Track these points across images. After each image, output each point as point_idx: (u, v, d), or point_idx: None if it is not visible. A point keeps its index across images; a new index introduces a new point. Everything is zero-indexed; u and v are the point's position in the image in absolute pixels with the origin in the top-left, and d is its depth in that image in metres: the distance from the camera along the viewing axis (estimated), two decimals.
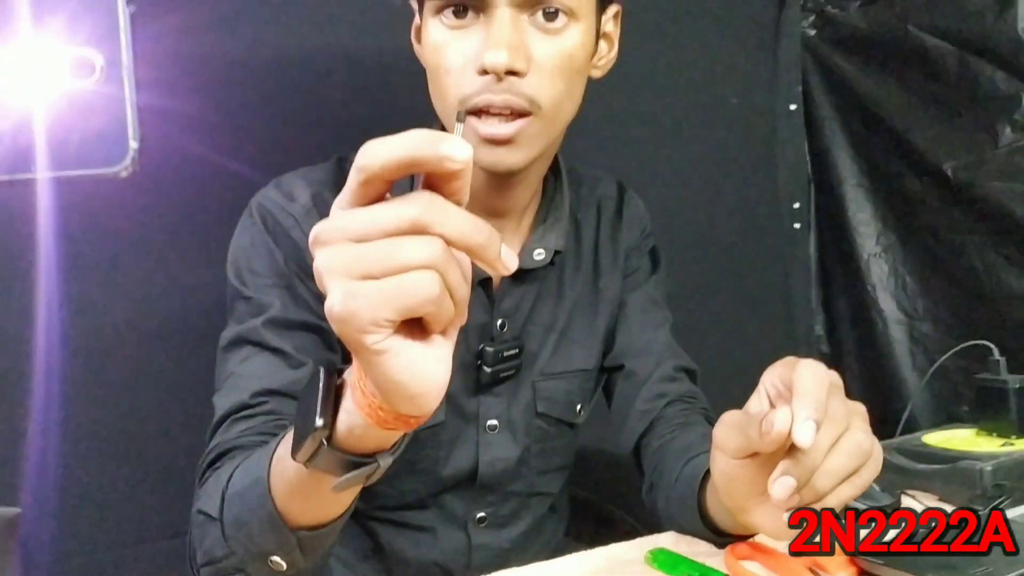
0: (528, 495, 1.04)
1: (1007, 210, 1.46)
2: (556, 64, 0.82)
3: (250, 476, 0.70)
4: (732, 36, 1.78)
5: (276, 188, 0.91)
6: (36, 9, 0.39)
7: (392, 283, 0.46)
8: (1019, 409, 1.04)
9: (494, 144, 0.82)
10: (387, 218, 0.46)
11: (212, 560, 0.72)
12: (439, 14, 0.82)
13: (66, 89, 0.39)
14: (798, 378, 0.63)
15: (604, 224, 1.06)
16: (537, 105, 0.81)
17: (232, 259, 0.91)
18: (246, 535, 0.69)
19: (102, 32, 0.40)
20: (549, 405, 1.01)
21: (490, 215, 0.93)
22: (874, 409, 1.89)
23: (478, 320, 0.95)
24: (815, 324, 1.88)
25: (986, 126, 1.50)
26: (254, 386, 0.83)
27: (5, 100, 0.39)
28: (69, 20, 0.39)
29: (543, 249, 0.96)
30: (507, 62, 0.78)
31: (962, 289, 1.56)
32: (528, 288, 0.98)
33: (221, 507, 0.71)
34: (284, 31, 1.10)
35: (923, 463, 1.01)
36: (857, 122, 1.75)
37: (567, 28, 0.82)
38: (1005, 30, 1.44)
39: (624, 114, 1.64)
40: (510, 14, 0.79)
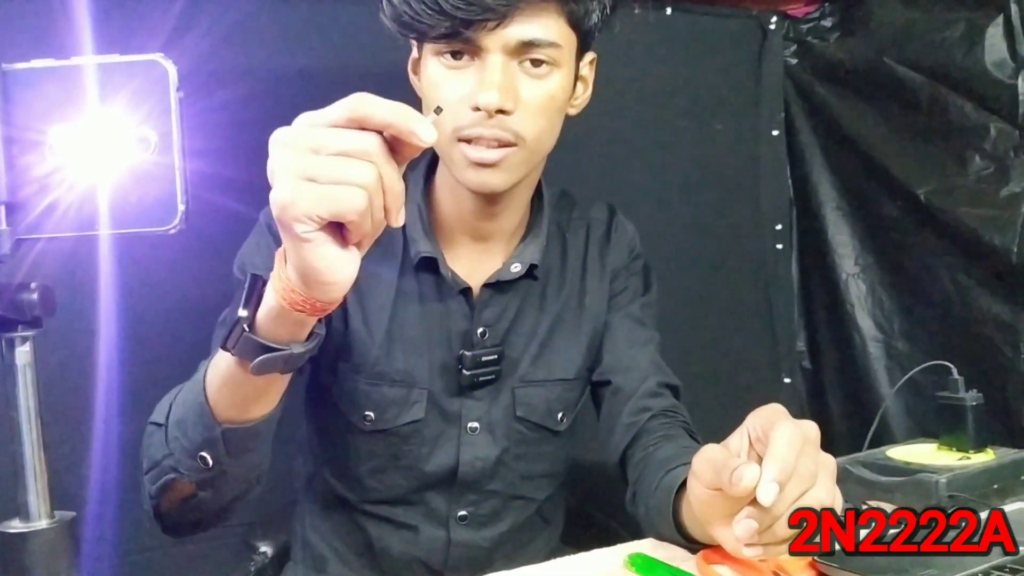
0: (509, 496, 1.10)
1: (976, 234, 1.52)
2: (540, 104, 0.93)
3: (191, 382, 0.82)
4: (717, 64, 1.85)
5: None
6: (105, 96, 0.47)
7: (331, 190, 0.58)
8: (975, 425, 1.11)
9: (481, 167, 0.92)
10: (346, 142, 0.58)
11: (154, 463, 0.83)
12: (439, 55, 0.93)
13: (127, 161, 0.47)
14: (774, 438, 0.70)
15: (592, 245, 1.14)
16: (522, 138, 0.92)
17: (239, 256, 1.02)
18: (182, 432, 0.80)
19: (157, 113, 0.47)
20: (528, 410, 1.08)
21: (479, 239, 1.04)
22: (852, 422, 1.96)
23: (459, 327, 1.04)
24: (797, 340, 1.95)
25: (957, 154, 1.57)
26: None
27: (77, 170, 0.47)
28: (131, 105, 0.47)
29: (519, 263, 1.05)
30: (498, 103, 0.89)
31: (935, 308, 1.63)
32: (510, 299, 1.06)
33: (168, 414, 0.83)
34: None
35: (885, 475, 1.08)
36: (836, 148, 1.83)
37: (550, 74, 0.93)
38: (974, 64, 1.52)
39: (614, 139, 1.72)
40: (502, 60, 0.90)
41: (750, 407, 2.06)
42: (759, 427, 0.74)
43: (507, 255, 1.06)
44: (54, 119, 0.47)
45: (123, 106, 0.47)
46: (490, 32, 0.88)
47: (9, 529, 0.50)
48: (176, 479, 0.81)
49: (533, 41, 0.90)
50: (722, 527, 0.75)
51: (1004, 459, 1.09)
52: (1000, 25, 1.48)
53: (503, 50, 0.89)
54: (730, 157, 1.88)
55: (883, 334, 1.75)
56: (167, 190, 0.47)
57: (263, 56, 1.33)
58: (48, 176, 0.47)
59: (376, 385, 1.02)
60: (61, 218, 0.46)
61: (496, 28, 0.88)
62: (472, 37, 0.88)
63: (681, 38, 1.79)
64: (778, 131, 1.90)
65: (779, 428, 0.70)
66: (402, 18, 0.90)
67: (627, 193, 1.70)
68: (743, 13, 1.85)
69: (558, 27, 0.91)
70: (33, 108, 0.47)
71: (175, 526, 0.88)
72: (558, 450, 1.14)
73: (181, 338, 0.96)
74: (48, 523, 0.50)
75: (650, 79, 1.76)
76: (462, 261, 1.05)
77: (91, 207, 0.47)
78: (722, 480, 0.70)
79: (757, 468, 0.68)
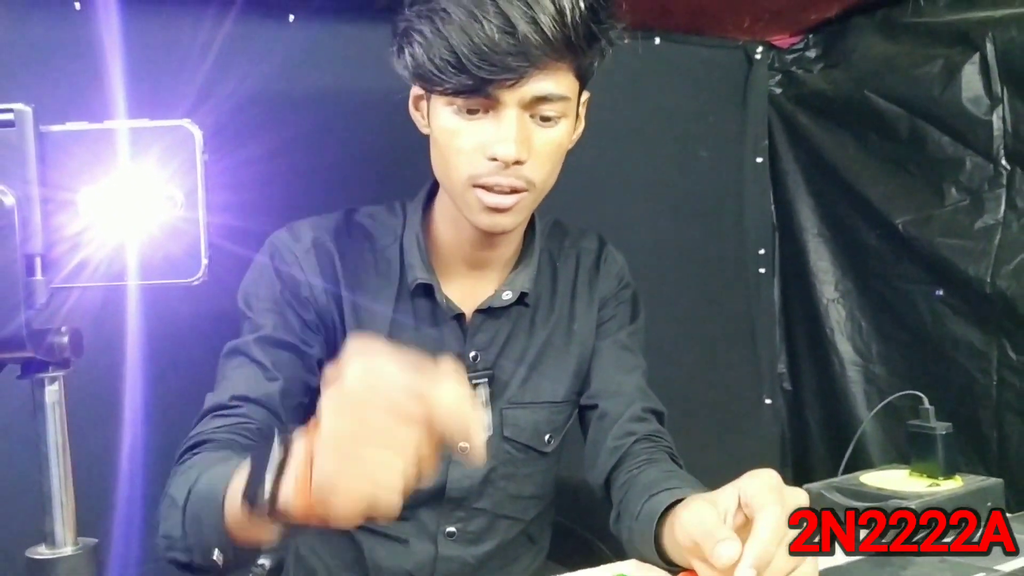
0: (496, 515, 1.14)
1: (950, 264, 1.58)
2: (549, 151, 0.99)
3: (212, 486, 0.82)
4: (704, 93, 1.90)
5: (288, 231, 1.08)
6: (135, 157, 0.51)
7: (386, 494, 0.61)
8: (945, 453, 1.16)
9: (495, 212, 0.98)
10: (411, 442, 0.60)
11: (169, 537, 0.86)
12: (451, 104, 0.97)
13: (155, 217, 0.51)
14: (760, 522, 0.73)
15: (582, 273, 1.19)
16: (532, 184, 0.98)
17: (243, 286, 1.06)
18: (198, 529, 0.83)
19: (183, 173, 0.51)
20: (515, 431, 1.13)
21: (475, 267, 1.10)
22: (829, 441, 2.00)
23: (452, 351, 1.08)
24: (778, 362, 2.00)
25: (934, 186, 1.63)
26: (233, 390, 0.98)
27: (108, 226, 0.51)
28: (159, 165, 0.51)
29: (510, 291, 1.09)
30: (515, 155, 0.94)
31: (911, 334, 1.69)
32: (501, 324, 1.11)
33: (186, 501, 0.85)
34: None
35: (859, 500, 1.12)
36: (818, 176, 1.88)
37: (559, 122, 0.98)
38: (951, 100, 1.58)
39: (602, 165, 1.76)
40: (517, 113, 0.95)
41: (731, 426, 2.10)
42: (750, 495, 0.76)
43: (500, 282, 1.11)
44: (87, 179, 0.51)
45: (152, 167, 0.51)
46: (508, 89, 0.92)
47: (36, 555, 0.54)
48: (185, 559, 0.85)
49: (547, 96, 0.95)
50: (698, 560, 0.79)
51: (971, 486, 1.13)
52: (976, 63, 1.54)
53: (519, 104, 0.94)
54: (715, 183, 1.92)
55: (861, 358, 1.80)
56: (192, 244, 0.51)
57: (285, 115, 1.39)
58: (81, 233, 0.51)
59: None
60: (93, 271, 0.50)
61: (514, 86, 0.92)
62: (490, 92, 0.93)
63: (669, 67, 1.84)
64: (762, 158, 1.95)
65: (766, 513, 0.73)
66: (421, 71, 0.94)
67: (614, 217, 1.75)
68: (729, 43, 1.90)
69: (568, 81, 0.97)
70: (68, 168, 0.51)
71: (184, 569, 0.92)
72: (546, 471, 1.18)
73: (200, 381, 1.01)
74: (73, 550, 0.54)
75: (638, 107, 1.80)
76: (456, 287, 1.09)
77: (120, 260, 0.51)
78: (705, 549, 0.74)
79: (739, 547, 0.72)
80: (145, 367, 1.09)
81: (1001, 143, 1.52)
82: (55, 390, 0.53)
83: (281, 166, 1.31)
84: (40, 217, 0.50)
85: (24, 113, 0.50)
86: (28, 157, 0.50)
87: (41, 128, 0.51)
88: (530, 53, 0.90)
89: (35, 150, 0.50)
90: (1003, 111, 1.52)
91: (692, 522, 0.78)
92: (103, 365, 0.99)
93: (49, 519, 0.54)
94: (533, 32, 0.89)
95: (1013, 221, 1.51)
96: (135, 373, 1.05)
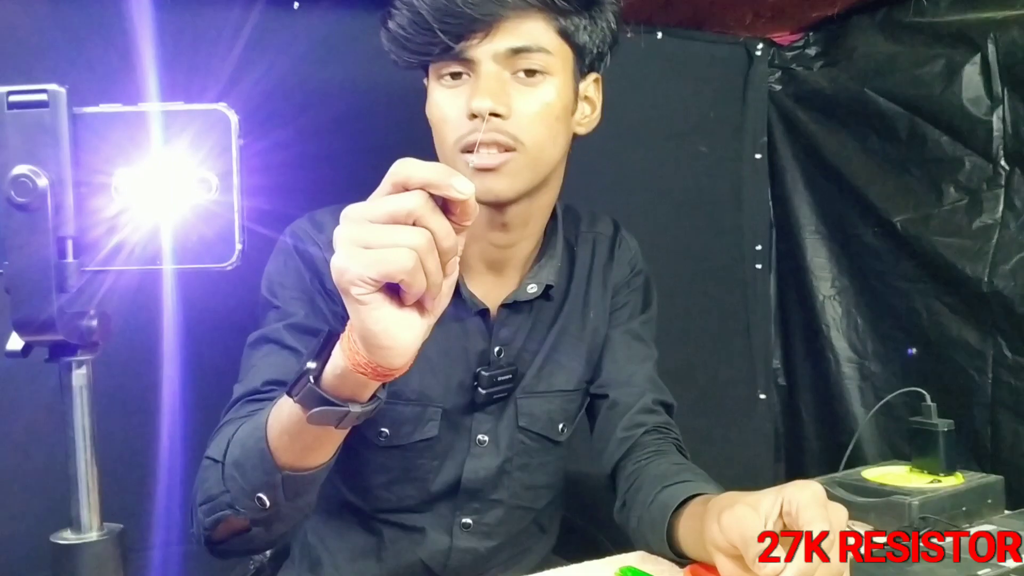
0: (511, 507, 1.15)
1: (949, 263, 1.59)
2: (535, 110, 0.97)
3: (252, 424, 0.84)
4: (705, 88, 1.91)
5: (309, 220, 1.06)
6: (169, 140, 0.50)
7: (380, 253, 0.62)
8: (946, 450, 1.17)
9: (483, 173, 0.96)
10: (391, 206, 0.62)
11: (210, 498, 0.86)
12: (440, 79, 0.99)
13: (189, 201, 0.51)
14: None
15: (597, 260, 1.19)
16: (520, 143, 0.96)
17: (266, 277, 1.04)
18: (240, 473, 0.83)
19: (218, 157, 0.51)
20: (530, 420, 1.13)
21: (493, 267, 1.08)
22: (824, 437, 2.02)
23: (477, 347, 1.08)
24: (773, 359, 2.01)
25: (932, 185, 1.64)
26: (267, 375, 0.96)
27: (142, 210, 0.50)
28: (193, 149, 0.50)
29: (536, 284, 1.09)
30: (490, 105, 0.94)
31: (908, 333, 1.69)
32: (524, 318, 1.11)
33: (225, 452, 0.85)
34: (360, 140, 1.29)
35: (861, 496, 1.13)
36: (816, 173, 1.88)
37: (543, 82, 0.98)
38: (951, 100, 1.58)
39: (603, 157, 1.75)
40: (494, 69, 0.95)
41: (726, 419, 2.11)
42: (797, 507, 0.75)
43: (522, 275, 1.10)
44: (121, 161, 0.51)
45: (186, 150, 0.51)
46: (479, 44, 0.94)
47: (61, 540, 0.53)
48: (231, 515, 0.84)
49: (521, 48, 0.95)
50: (726, 558, 0.78)
51: (972, 483, 1.14)
52: (977, 64, 1.55)
53: (493, 59, 0.95)
54: (714, 178, 1.93)
55: (857, 355, 1.81)
56: (226, 229, 0.51)
57: (317, 99, 1.40)
58: (114, 216, 0.50)
59: (392, 403, 1.05)
60: (127, 254, 0.50)
61: (484, 40, 0.94)
62: (463, 52, 0.94)
63: (671, 62, 1.84)
64: (761, 155, 1.95)
65: (813, 530, 0.72)
66: (398, 40, 0.96)
67: (613, 209, 1.72)
68: (731, 39, 1.90)
69: (547, 36, 0.97)
70: (101, 150, 0.50)
71: (224, 552, 0.91)
72: (557, 460, 1.18)
73: (233, 365, 1.01)
74: (98, 535, 0.53)
75: (640, 101, 1.80)
76: (479, 283, 1.08)
77: (155, 244, 0.50)
78: (746, 554, 0.73)
79: (781, 566, 0.71)
80: (178, 352, 1.09)
81: (1000, 144, 1.53)
82: (83, 373, 0.53)
83: (313, 150, 1.32)
84: (73, 199, 0.50)
85: (58, 94, 0.50)
86: (62, 138, 0.50)
87: (75, 110, 0.50)
88: (493, 2, 0.92)
89: (68, 131, 0.50)
90: (1003, 112, 1.52)
91: (732, 524, 0.76)
92: (136, 350, 0.99)
93: (75, 503, 0.54)
94: None
95: (1011, 221, 1.52)
96: (168, 358, 1.05)
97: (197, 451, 0.90)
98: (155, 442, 1.12)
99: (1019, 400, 1.47)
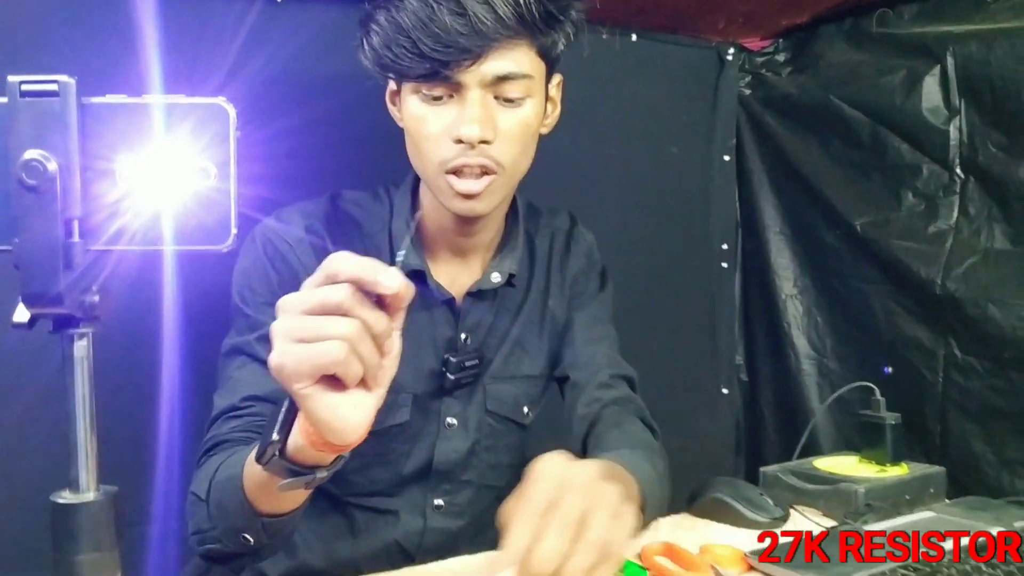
0: (479, 486, 1.19)
1: (905, 265, 1.65)
2: (516, 132, 1.01)
3: (230, 471, 0.89)
4: (676, 91, 1.95)
5: (276, 219, 1.08)
6: (171, 131, 0.54)
7: (311, 347, 0.65)
8: (893, 441, 1.23)
9: (467, 198, 1.01)
10: (319, 298, 0.65)
11: (199, 531, 0.92)
12: (418, 92, 1.00)
13: (189, 188, 0.55)
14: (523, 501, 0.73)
15: (556, 252, 1.24)
16: (502, 166, 1.01)
17: (236, 278, 1.07)
18: (224, 516, 0.88)
19: (216, 148, 0.55)
20: (497, 404, 1.18)
21: (459, 253, 1.13)
22: (783, 431, 2.07)
23: (444, 334, 1.13)
24: (736, 354, 2.06)
25: (892, 190, 1.70)
26: (244, 391, 1.01)
27: (144, 193, 0.54)
28: (194, 139, 0.55)
29: (499, 273, 1.14)
30: (479, 135, 0.97)
31: (865, 332, 1.75)
32: (489, 306, 1.16)
33: (208, 492, 0.91)
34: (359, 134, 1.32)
35: (811, 483, 1.19)
36: (782, 176, 1.94)
37: (524, 103, 1.01)
38: (912, 109, 1.64)
39: (575, 156, 1.79)
40: (480, 95, 0.98)
41: (690, 414, 2.16)
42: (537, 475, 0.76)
43: (485, 265, 1.15)
44: (125, 149, 0.54)
45: (187, 140, 0.55)
46: (467, 71, 0.96)
47: (60, 499, 0.57)
48: (220, 548, 0.90)
49: (508, 75, 0.98)
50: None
51: (916, 473, 1.21)
52: (937, 75, 1.61)
53: (480, 85, 0.97)
54: (683, 179, 1.97)
55: (816, 352, 1.87)
56: (223, 214, 0.55)
57: (316, 91, 1.42)
58: (118, 199, 0.54)
59: None
60: (130, 236, 0.54)
61: (472, 66, 0.95)
62: (450, 76, 0.96)
63: (644, 64, 1.88)
64: (729, 157, 2.01)
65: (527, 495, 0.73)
66: (382, 61, 0.97)
67: (584, 208, 1.77)
68: (703, 44, 1.96)
69: (529, 59, 0.99)
70: (107, 138, 0.54)
71: (214, 562, 0.98)
72: (522, 441, 1.23)
73: (221, 338, 1.06)
74: (95, 496, 0.57)
75: (613, 101, 1.85)
76: (444, 272, 1.13)
77: (155, 226, 0.54)
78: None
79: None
80: (176, 329, 1.13)
81: (957, 152, 1.59)
82: (84, 345, 0.57)
83: (311, 141, 1.35)
84: (80, 183, 0.54)
85: (68, 85, 0.54)
86: (70, 126, 0.53)
87: (83, 100, 0.54)
88: (483, 33, 0.93)
89: (77, 120, 0.54)
90: (960, 122, 1.58)
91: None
92: (136, 326, 1.03)
93: (74, 466, 0.57)
94: (485, 12, 0.93)
95: (964, 227, 1.58)
96: (167, 334, 1.09)
97: (192, 428, 0.95)
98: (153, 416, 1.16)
99: (967, 398, 1.53)
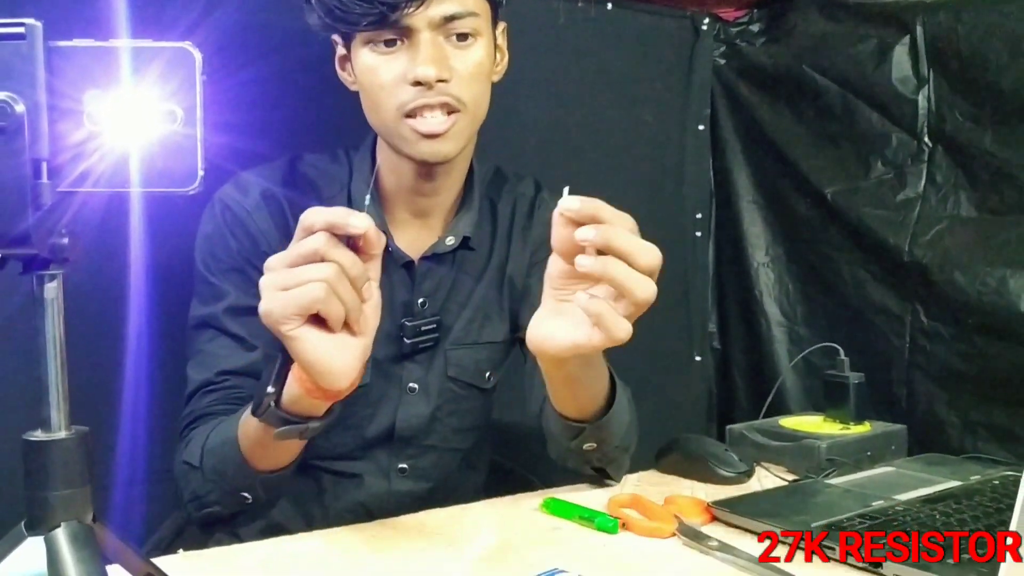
0: (443, 450, 1.21)
1: (874, 233, 1.68)
2: (472, 71, 1.03)
3: (223, 435, 0.94)
4: (651, 60, 1.96)
5: (234, 185, 1.09)
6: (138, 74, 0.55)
7: (295, 291, 0.74)
8: (857, 400, 1.26)
9: (431, 138, 1.01)
10: (299, 249, 0.74)
11: (197, 497, 0.96)
12: (369, 44, 1.01)
13: (156, 131, 0.56)
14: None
15: (518, 218, 1.24)
16: (463, 103, 1.02)
17: (198, 245, 1.09)
18: (222, 478, 0.93)
19: (183, 92, 0.56)
20: (459, 370, 1.19)
21: (419, 214, 1.14)
22: (755, 397, 2.09)
23: (401, 298, 1.13)
24: (709, 322, 2.09)
25: (862, 159, 1.72)
26: (217, 366, 1.05)
27: (112, 137, 0.55)
28: (160, 83, 0.55)
29: (453, 236, 1.14)
30: (436, 74, 0.98)
31: (834, 299, 1.78)
32: (447, 271, 1.16)
33: (201, 459, 0.95)
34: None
35: (776, 440, 1.22)
36: (755, 145, 1.96)
37: (475, 43, 1.03)
38: (882, 79, 1.67)
39: (550, 123, 1.81)
40: (431, 36, 0.99)
41: (663, 382, 2.18)
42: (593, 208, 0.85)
43: (443, 228, 1.15)
44: (92, 92, 0.55)
45: (154, 84, 0.56)
46: (415, 13, 0.97)
47: (32, 437, 0.59)
48: (219, 510, 0.95)
49: (455, 15, 0.99)
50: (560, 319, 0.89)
51: (877, 431, 1.24)
52: (907, 45, 1.63)
53: (429, 27, 0.98)
54: (658, 148, 1.99)
55: (787, 319, 1.89)
56: (189, 157, 0.56)
57: (292, 37, 1.37)
58: (85, 141, 0.55)
59: None
60: (96, 177, 0.55)
61: (420, 8, 0.97)
62: (399, 20, 0.97)
63: (619, 32, 1.89)
64: (703, 126, 2.02)
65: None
66: (333, 12, 0.98)
67: (557, 176, 1.78)
68: (678, 13, 1.96)
69: (473, 0, 1.01)
70: (74, 81, 0.55)
71: (211, 528, 1.01)
72: (484, 405, 1.25)
73: (190, 281, 1.08)
74: (66, 434, 0.59)
75: (588, 69, 1.85)
76: (403, 235, 1.13)
77: (123, 169, 0.55)
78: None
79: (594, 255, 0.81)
80: (144, 270, 1.14)
81: (925, 121, 1.61)
82: (54, 287, 0.58)
83: (286, 90, 1.35)
84: (47, 125, 0.55)
85: (35, 28, 0.54)
86: (37, 68, 0.54)
87: (50, 43, 0.55)
88: None
89: (44, 62, 0.54)
90: (928, 91, 1.61)
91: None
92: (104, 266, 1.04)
93: (45, 406, 0.59)
94: None
95: (932, 195, 1.61)
96: (135, 275, 1.11)
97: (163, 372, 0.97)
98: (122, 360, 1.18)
99: (931, 361, 1.56)
